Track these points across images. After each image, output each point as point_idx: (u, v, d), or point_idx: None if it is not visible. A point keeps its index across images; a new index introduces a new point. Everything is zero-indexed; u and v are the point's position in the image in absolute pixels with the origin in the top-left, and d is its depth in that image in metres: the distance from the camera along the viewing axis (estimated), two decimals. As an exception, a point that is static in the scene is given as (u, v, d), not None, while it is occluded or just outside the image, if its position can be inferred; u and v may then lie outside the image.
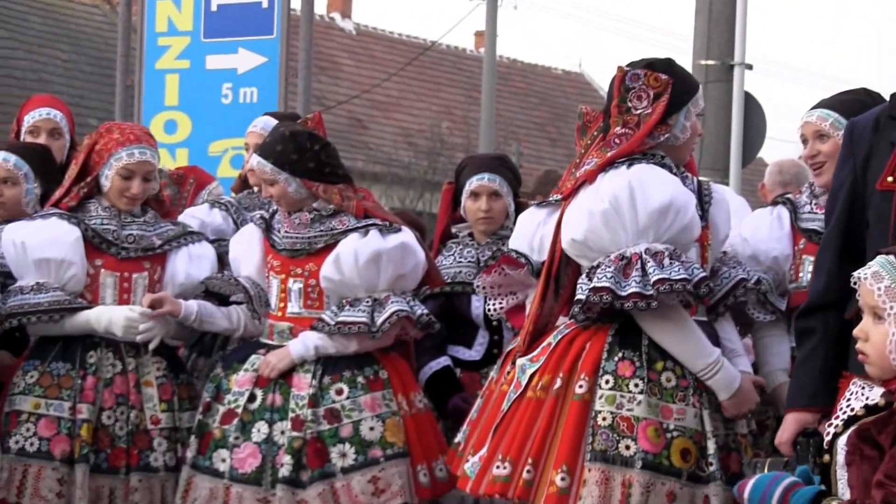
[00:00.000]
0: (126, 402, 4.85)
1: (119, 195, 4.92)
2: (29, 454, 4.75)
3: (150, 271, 4.96)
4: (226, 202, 5.53)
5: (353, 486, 4.65)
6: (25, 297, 4.83)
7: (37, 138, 5.48)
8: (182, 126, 9.31)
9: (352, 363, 4.78)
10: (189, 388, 5.02)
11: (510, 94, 25.52)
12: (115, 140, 4.92)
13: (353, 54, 24.43)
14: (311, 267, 4.81)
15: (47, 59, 20.09)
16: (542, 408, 4.09)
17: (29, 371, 4.86)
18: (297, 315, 4.84)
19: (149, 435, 4.86)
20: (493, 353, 5.16)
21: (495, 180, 5.26)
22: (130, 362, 4.90)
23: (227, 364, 4.90)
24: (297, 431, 4.68)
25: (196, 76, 9.31)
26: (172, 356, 5.05)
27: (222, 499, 4.69)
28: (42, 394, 4.81)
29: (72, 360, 4.86)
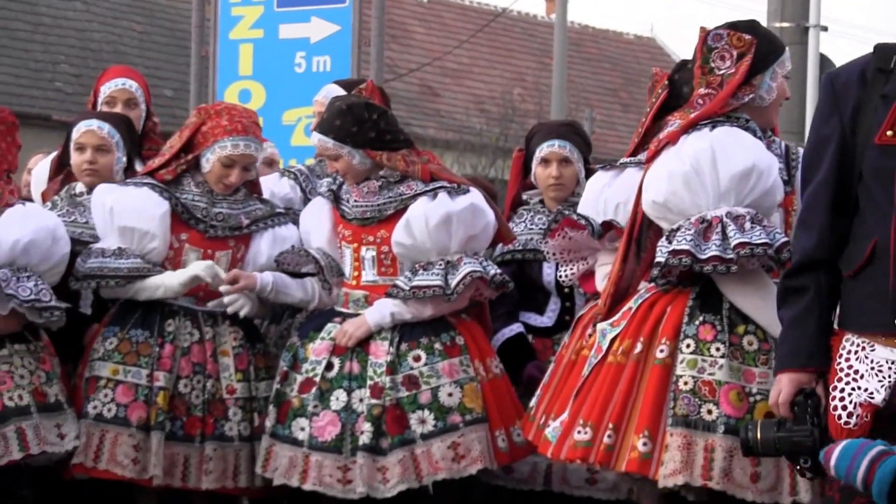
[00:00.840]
0: (203, 370, 4.89)
1: (217, 181, 4.97)
2: (106, 420, 4.81)
3: (234, 250, 5.00)
4: (295, 171, 5.55)
5: (434, 453, 4.67)
6: (106, 261, 4.89)
7: (113, 108, 5.52)
8: (256, 95, 9.34)
9: (428, 329, 4.80)
10: (265, 357, 5.05)
11: (582, 60, 25.38)
12: (223, 127, 4.95)
13: (425, 22, 24.39)
14: (383, 234, 4.83)
15: (122, 31, 20.26)
16: (622, 372, 4.09)
17: (109, 337, 4.91)
18: (371, 283, 4.87)
19: (224, 404, 4.89)
20: (565, 319, 5.19)
21: (565, 147, 5.26)
22: (208, 331, 4.94)
23: (303, 333, 4.93)
24: (375, 399, 4.70)
25: (269, 45, 9.33)
26: (249, 326, 5.08)
27: (302, 467, 4.72)
28: (120, 360, 4.86)
29: (150, 328, 4.90)
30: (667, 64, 27.01)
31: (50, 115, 17.76)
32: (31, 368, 4.74)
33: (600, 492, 5.06)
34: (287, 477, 4.74)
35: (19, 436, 4.66)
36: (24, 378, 4.72)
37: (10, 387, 4.70)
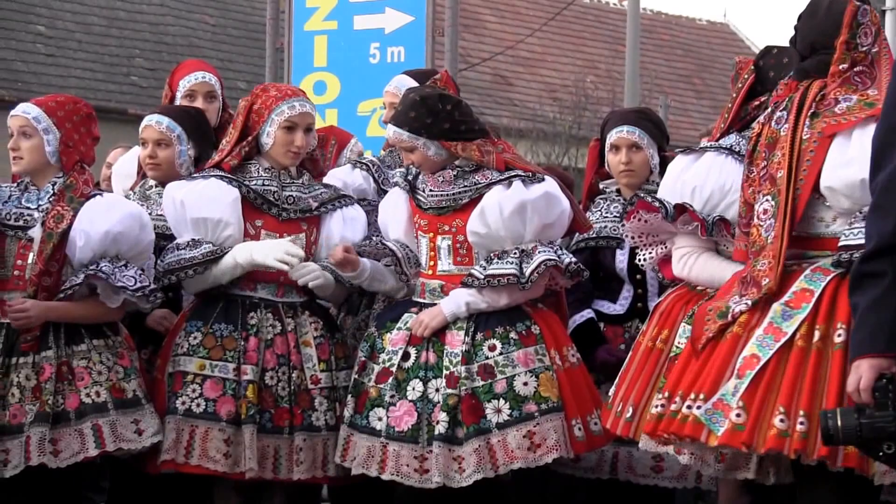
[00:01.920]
0: (287, 362, 4.90)
1: (284, 150, 4.96)
2: (196, 415, 4.82)
3: (307, 233, 5.00)
4: (367, 162, 5.54)
5: (509, 442, 4.66)
6: (181, 253, 4.91)
7: (193, 102, 5.54)
8: (331, 87, 9.38)
9: (504, 319, 4.80)
10: (343, 346, 5.06)
11: (654, 47, 25.22)
12: (274, 97, 4.97)
13: (497, 11, 24.35)
14: (458, 223, 4.83)
15: (196, 25, 20.39)
16: (824, 358, 3.83)
17: (192, 332, 4.91)
18: (447, 272, 4.87)
19: (310, 394, 4.90)
20: (637, 307, 5.18)
21: (634, 132, 5.23)
22: (289, 323, 4.94)
23: (380, 323, 4.94)
24: (451, 388, 4.70)
25: (344, 37, 9.37)
26: (327, 316, 5.09)
27: (380, 457, 4.73)
28: (206, 355, 4.87)
29: (233, 322, 4.91)
30: (739, 49, 26.77)
31: (126, 109, 17.91)
32: (108, 364, 4.75)
33: (666, 480, 5.06)
34: (366, 467, 4.75)
35: (96, 433, 4.67)
36: (102, 374, 4.73)
37: (87, 383, 4.71)
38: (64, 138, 4.82)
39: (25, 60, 17.96)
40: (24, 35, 18.34)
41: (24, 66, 17.83)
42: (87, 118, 4.89)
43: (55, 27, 18.79)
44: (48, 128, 4.81)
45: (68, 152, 4.83)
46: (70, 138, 4.83)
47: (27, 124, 4.82)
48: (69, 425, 4.67)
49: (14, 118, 4.85)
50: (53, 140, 4.81)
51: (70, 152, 4.83)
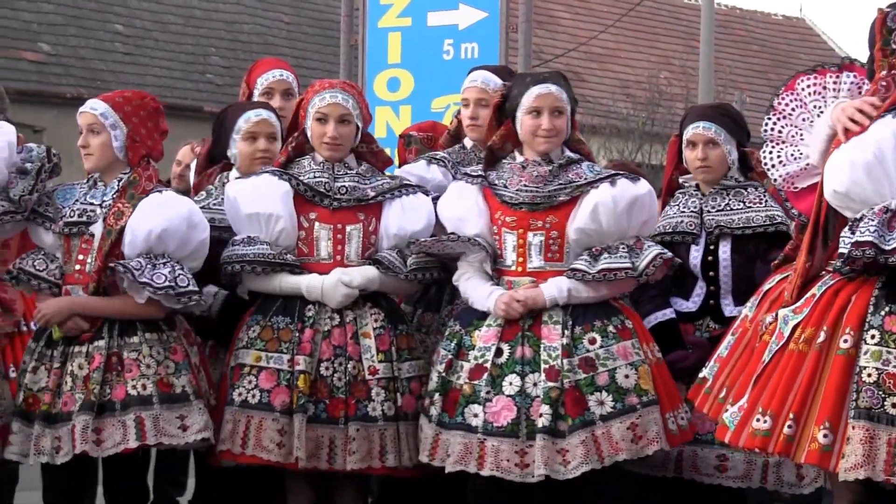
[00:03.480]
0: (344, 353, 4.90)
1: (319, 142, 4.99)
2: (251, 406, 4.85)
3: (365, 223, 5.00)
4: (441, 158, 5.50)
5: (613, 434, 4.68)
6: (235, 249, 4.94)
7: (271, 99, 5.57)
8: (405, 83, 9.38)
9: (600, 313, 4.81)
10: (408, 338, 5.05)
11: (730, 42, 25.05)
12: (314, 91, 5.02)
13: (570, 7, 24.29)
14: (552, 219, 4.83)
15: (271, 23, 20.52)
16: (804, 361, 3.97)
17: (252, 326, 4.95)
18: (538, 269, 4.86)
19: (367, 385, 4.90)
20: (709, 304, 5.15)
21: (711, 129, 5.20)
22: (348, 314, 4.95)
23: (465, 321, 4.92)
24: (552, 382, 4.70)
25: (418, 33, 9.36)
26: (392, 307, 5.09)
27: (477, 453, 4.72)
28: (263, 347, 4.90)
29: (291, 314, 4.93)
30: (816, 45, 26.55)
31: (201, 106, 18.06)
32: (158, 359, 4.77)
33: (730, 479, 5.03)
34: (463, 463, 4.74)
35: (138, 425, 4.69)
36: (151, 368, 4.75)
37: (135, 375, 4.73)
38: (131, 133, 4.85)
39: (104, 59, 18.16)
40: (103, 34, 18.54)
41: (102, 64, 18.03)
42: (154, 112, 4.92)
43: (133, 26, 18.98)
44: (115, 123, 4.85)
45: (135, 147, 4.86)
46: (137, 133, 4.86)
47: (95, 121, 4.86)
48: (114, 415, 4.71)
49: (83, 115, 4.89)
50: (121, 135, 4.85)
51: (136, 147, 4.86)
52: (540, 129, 4.88)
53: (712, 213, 5.18)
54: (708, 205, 5.20)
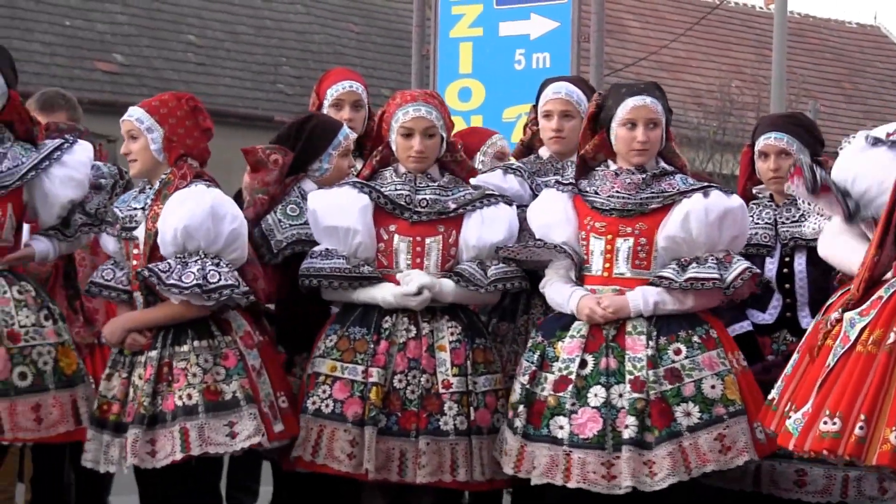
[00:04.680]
0: (418, 365, 4.88)
1: (405, 155, 4.98)
2: (324, 415, 4.84)
3: (445, 235, 4.97)
4: (517, 167, 5.46)
5: (701, 445, 4.65)
6: (313, 262, 4.94)
7: (340, 111, 5.58)
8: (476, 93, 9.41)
9: (684, 323, 4.78)
10: (485, 352, 5.01)
11: (802, 51, 24.85)
12: (396, 104, 4.99)
13: (640, 16, 24.21)
14: (642, 226, 4.81)
15: (341, 33, 20.60)
16: (873, 362, 3.93)
17: (330, 335, 4.94)
18: (623, 276, 4.84)
19: (440, 399, 4.87)
20: (786, 316, 5.11)
21: (783, 139, 5.16)
22: (425, 327, 4.93)
23: (548, 332, 4.89)
24: (638, 392, 4.68)
25: (489, 43, 9.40)
26: (471, 320, 5.06)
27: (564, 465, 4.69)
28: (339, 357, 4.89)
29: (368, 325, 4.92)
30: (891, 53, 26.27)
31: (272, 116, 18.15)
32: (206, 367, 4.74)
33: (809, 494, 4.97)
34: (550, 476, 4.72)
35: (182, 435, 4.68)
36: (197, 377, 4.72)
37: (182, 385, 4.71)
38: (167, 134, 4.85)
39: (177, 69, 18.31)
40: (176, 44, 18.70)
41: (175, 74, 18.18)
42: (191, 112, 4.91)
43: (205, 36, 19.13)
44: (151, 126, 4.85)
45: (171, 147, 4.85)
46: (174, 133, 4.85)
47: (132, 127, 4.87)
48: (165, 426, 4.71)
49: (123, 123, 4.91)
50: (158, 137, 4.85)
51: (173, 146, 4.85)
52: (635, 141, 4.86)
53: (787, 224, 5.14)
54: (782, 216, 5.16)
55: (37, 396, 4.88)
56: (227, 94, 18.22)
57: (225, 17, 19.60)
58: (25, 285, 4.98)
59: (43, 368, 4.91)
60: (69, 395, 4.94)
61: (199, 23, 19.24)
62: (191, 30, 19.06)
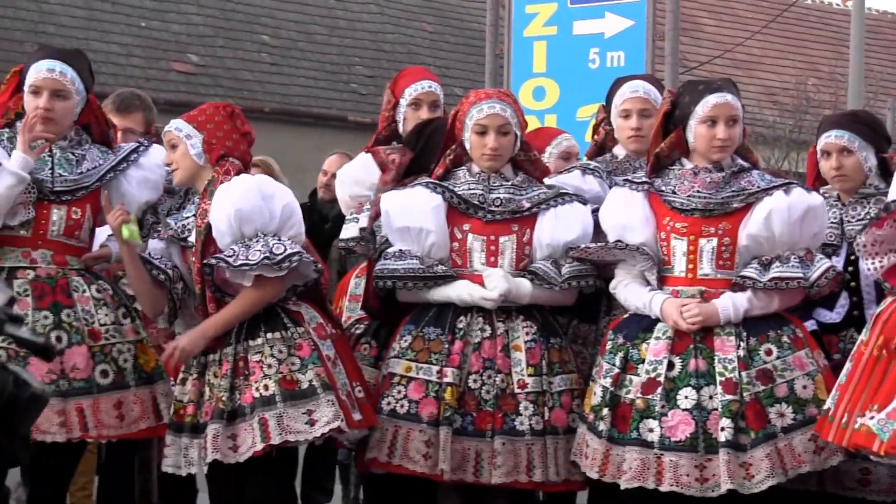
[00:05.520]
0: (493, 365, 4.87)
1: (479, 154, 4.97)
2: (399, 416, 4.84)
3: (518, 234, 4.96)
4: (595, 167, 5.42)
5: (795, 446, 4.63)
6: (386, 263, 4.95)
7: (418, 111, 5.58)
8: (550, 92, 9.38)
9: (771, 323, 4.75)
10: (561, 352, 4.99)
11: (880, 48, 24.56)
12: (469, 102, 4.98)
13: (715, 14, 24.05)
14: (725, 225, 4.78)
15: (414, 32, 20.62)
16: None
17: (405, 336, 4.94)
18: (708, 276, 4.80)
19: (515, 399, 4.85)
20: (853, 315, 5.05)
21: (843, 137, 5.10)
22: (500, 327, 4.91)
23: (629, 334, 4.85)
24: (730, 395, 4.64)
25: (563, 42, 9.37)
26: (546, 319, 5.03)
27: (655, 468, 4.66)
28: (413, 357, 4.89)
29: (442, 325, 4.91)
30: (971, 50, 25.88)
31: (346, 116, 18.22)
32: (280, 357, 4.74)
33: (874, 493, 4.93)
34: (641, 479, 4.68)
35: (262, 426, 4.68)
36: (272, 367, 4.72)
37: (258, 377, 4.72)
38: (206, 138, 4.88)
39: (251, 69, 18.42)
40: (250, 45, 18.81)
41: (249, 74, 18.29)
42: (229, 116, 4.94)
43: (279, 37, 19.23)
44: (190, 133, 4.89)
45: (211, 148, 4.87)
46: (213, 136, 4.88)
47: (172, 136, 4.92)
48: (244, 420, 4.72)
49: (164, 135, 4.96)
50: (197, 142, 4.88)
51: (213, 148, 4.87)
52: (715, 138, 4.82)
53: (853, 222, 5.10)
54: (848, 214, 5.12)
55: (118, 394, 4.95)
56: (300, 94, 18.29)
57: (299, 18, 19.68)
58: (103, 284, 5.05)
59: (123, 366, 4.98)
60: (149, 392, 5.00)
61: (273, 23, 19.34)
62: (265, 30, 19.16)
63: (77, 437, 4.89)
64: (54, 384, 4.80)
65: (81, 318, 4.93)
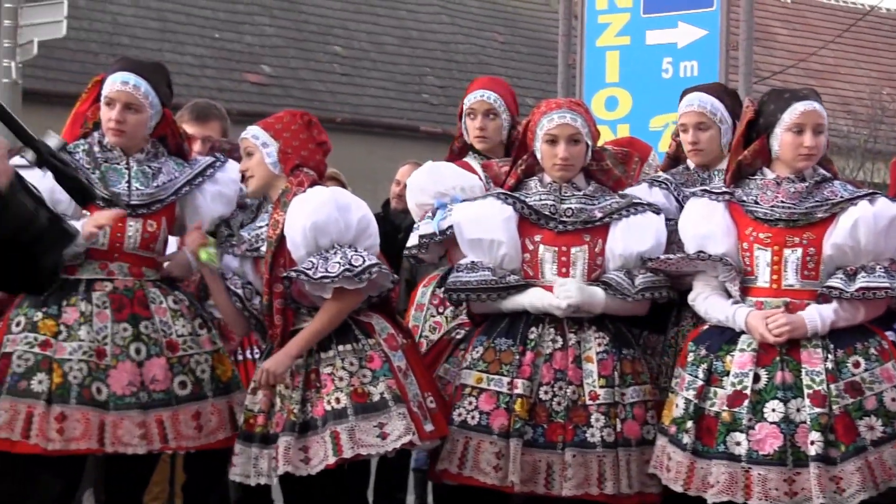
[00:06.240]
0: (564, 377, 4.84)
1: (550, 164, 4.95)
2: (470, 427, 4.83)
3: (590, 244, 4.94)
4: (664, 180, 5.38)
5: (886, 459, 4.59)
6: (459, 275, 4.94)
7: (473, 120, 5.58)
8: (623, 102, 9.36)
9: (858, 335, 4.71)
10: (634, 363, 4.95)
11: (956, 57, 24.32)
12: (541, 112, 4.97)
13: (788, 23, 23.88)
14: (810, 236, 4.74)
15: (486, 42, 20.64)
16: None
17: (476, 347, 4.94)
18: (793, 288, 4.76)
19: (587, 410, 4.83)
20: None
21: None
22: (571, 338, 4.89)
23: (712, 345, 4.81)
24: (820, 407, 4.60)
25: (636, 52, 9.35)
26: (619, 330, 5.00)
27: (743, 482, 4.61)
28: (485, 368, 4.88)
29: (514, 336, 4.89)
30: None
31: (417, 126, 18.26)
32: (352, 370, 4.74)
33: None
34: (729, 493, 4.63)
35: (334, 440, 4.67)
36: (343, 380, 4.72)
37: (330, 390, 4.71)
38: (282, 147, 4.88)
39: (323, 80, 18.51)
40: (322, 56, 18.91)
41: (321, 85, 18.38)
42: (306, 126, 4.94)
43: (351, 47, 19.31)
44: (266, 141, 4.89)
45: (286, 158, 4.87)
46: (289, 146, 4.88)
47: (248, 144, 4.92)
48: (316, 433, 4.71)
49: (241, 142, 4.97)
50: (273, 151, 4.89)
51: (288, 158, 4.88)
52: (802, 146, 4.78)
53: None
54: None
55: (196, 404, 4.98)
56: (372, 105, 18.35)
57: (370, 28, 19.76)
58: (179, 295, 5.07)
59: (201, 377, 4.99)
60: (226, 402, 5.02)
61: (344, 34, 19.43)
62: (337, 41, 19.25)
63: (157, 449, 4.92)
64: (134, 396, 4.83)
65: (159, 329, 4.95)
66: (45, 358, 4.80)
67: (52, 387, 4.76)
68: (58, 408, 4.74)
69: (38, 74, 15.92)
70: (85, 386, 4.78)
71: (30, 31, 13.94)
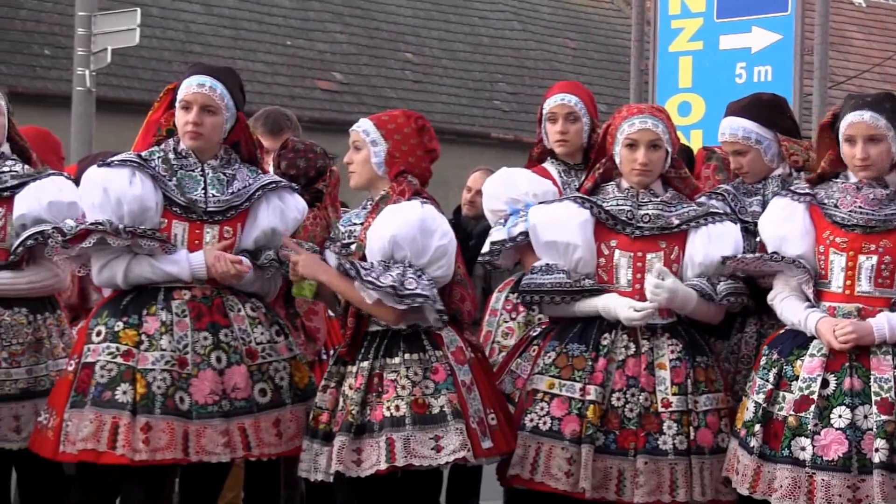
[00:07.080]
0: (637, 384, 4.82)
1: (628, 168, 4.92)
2: (542, 432, 4.81)
3: (667, 251, 4.91)
4: (722, 191, 5.31)
5: None
6: (534, 277, 4.93)
7: (554, 124, 5.57)
8: (696, 107, 9.31)
9: None
10: (707, 370, 4.92)
11: None
12: (622, 116, 4.95)
13: (864, 27, 23.67)
14: (886, 244, 4.69)
15: (557, 49, 20.63)
16: None
17: (549, 352, 4.92)
18: (867, 294, 4.72)
19: (659, 417, 4.80)
20: None
21: None
22: (644, 344, 4.87)
23: (783, 350, 4.79)
24: (886, 415, 4.57)
25: (709, 57, 9.30)
26: (692, 337, 4.96)
27: (806, 487, 4.60)
28: (557, 374, 4.86)
29: (587, 342, 4.88)
30: None
31: (489, 133, 18.28)
32: (415, 379, 4.72)
33: None
34: (792, 498, 4.62)
35: (388, 446, 4.66)
36: (406, 389, 4.71)
37: (391, 396, 4.70)
38: (391, 150, 4.86)
39: (394, 87, 18.57)
40: (394, 63, 18.97)
41: (392, 92, 18.43)
42: (418, 131, 4.91)
43: (423, 54, 19.36)
44: (376, 140, 4.87)
45: (393, 162, 4.85)
46: (397, 149, 4.86)
47: (358, 138, 4.90)
48: (372, 436, 4.71)
49: (351, 133, 4.95)
50: (381, 151, 4.86)
51: (395, 162, 4.86)
52: (855, 158, 4.74)
53: None
54: None
55: (276, 412, 4.97)
56: (443, 111, 18.39)
57: (442, 35, 19.80)
58: (256, 302, 5.06)
59: (280, 384, 4.99)
60: (304, 409, 5.02)
61: (416, 41, 19.49)
62: (408, 48, 19.31)
63: (241, 457, 4.93)
64: (217, 405, 4.84)
65: (239, 337, 4.95)
66: (127, 368, 4.81)
67: (137, 397, 4.77)
68: (143, 418, 4.75)
69: (111, 83, 16.10)
70: (168, 396, 4.79)
71: (103, 39, 14.08)
